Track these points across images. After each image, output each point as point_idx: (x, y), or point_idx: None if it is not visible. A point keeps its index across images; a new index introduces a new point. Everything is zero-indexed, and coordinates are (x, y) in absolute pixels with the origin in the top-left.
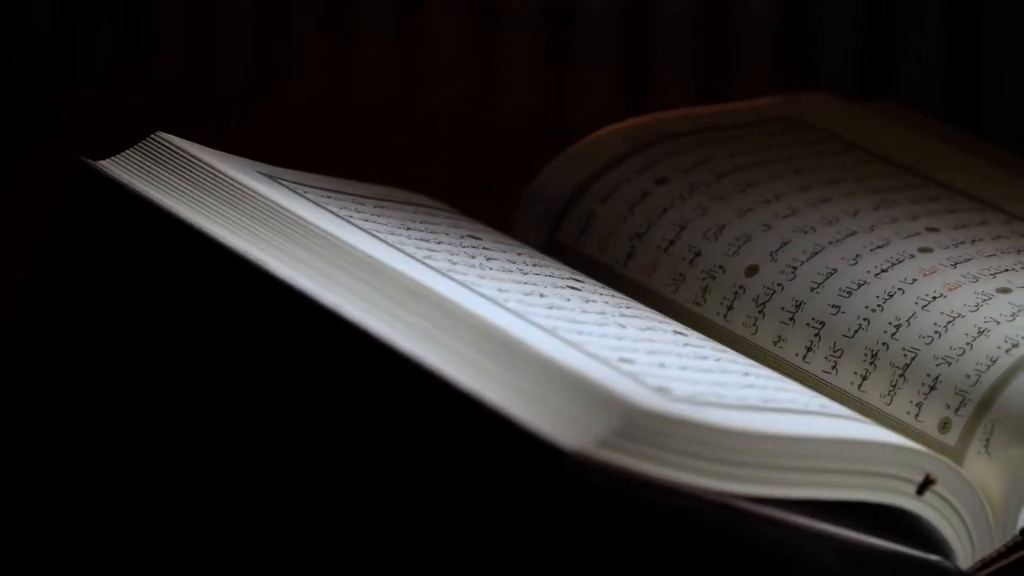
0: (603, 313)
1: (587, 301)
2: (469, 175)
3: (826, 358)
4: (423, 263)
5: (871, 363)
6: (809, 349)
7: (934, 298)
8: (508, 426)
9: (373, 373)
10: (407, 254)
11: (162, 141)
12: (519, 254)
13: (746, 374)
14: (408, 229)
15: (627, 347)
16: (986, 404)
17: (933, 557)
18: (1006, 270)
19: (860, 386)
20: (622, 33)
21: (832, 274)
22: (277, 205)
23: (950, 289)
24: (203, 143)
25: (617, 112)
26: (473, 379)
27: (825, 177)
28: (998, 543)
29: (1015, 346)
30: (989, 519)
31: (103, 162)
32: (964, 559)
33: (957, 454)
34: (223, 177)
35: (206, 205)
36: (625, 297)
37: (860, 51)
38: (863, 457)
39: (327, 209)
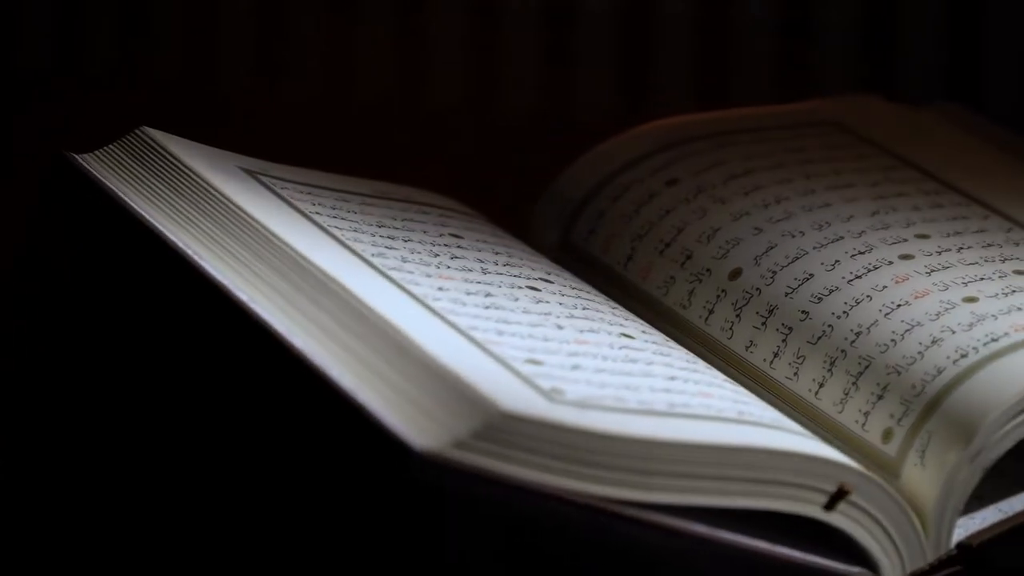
0: (547, 314)
1: (537, 302)
2: (469, 175)
3: (789, 364)
4: (364, 259)
5: (828, 370)
6: (776, 355)
7: (898, 306)
8: (370, 422)
9: (268, 363)
10: (353, 251)
11: (144, 136)
12: (496, 253)
13: (672, 378)
14: (380, 227)
15: (549, 348)
16: (926, 415)
17: (856, 569)
18: (981, 279)
19: (817, 393)
20: (622, 33)
21: (808, 279)
22: (229, 201)
23: (916, 297)
24: (202, 143)
25: (617, 112)
26: (352, 374)
27: (834, 182)
28: (931, 557)
29: (963, 356)
30: (918, 531)
31: (84, 156)
32: (891, 572)
33: (896, 465)
34: (186, 171)
35: (163, 198)
36: (596, 299)
37: (860, 51)
38: (766, 465)
39: (292, 205)
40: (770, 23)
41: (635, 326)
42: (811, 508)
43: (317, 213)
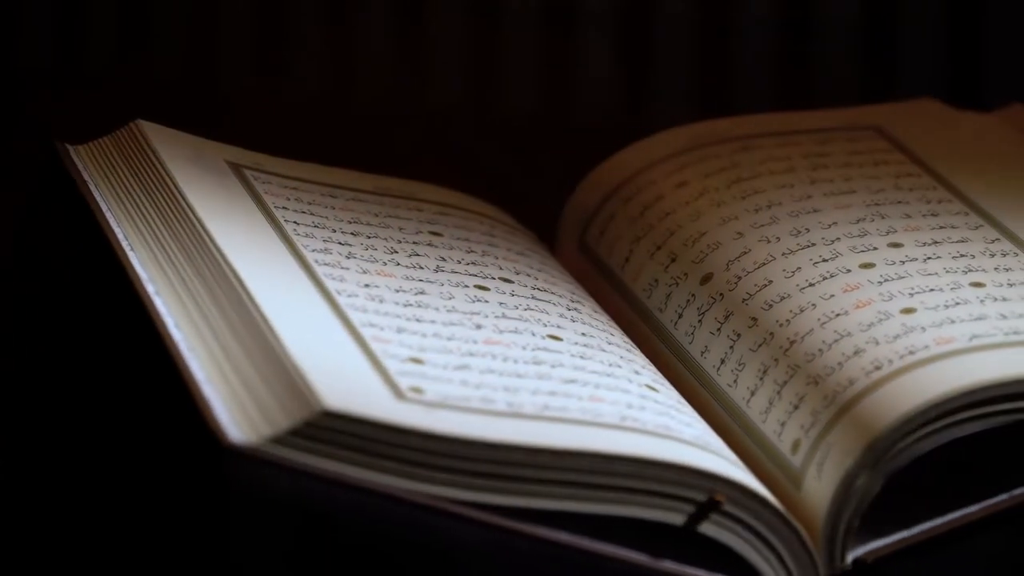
0: (474, 314)
1: (474, 301)
2: (469, 175)
3: (732, 371)
4: (298, 255)
5: (760, 379)
6: (723, 361)
7: (837, 315)
8: (200, 411)
9: (153, 352)
10: (292, 246)
11: (134, 130)
12: (469, 251)
13: (570, 381)
14: (351, 223)
15: (447, 348)
16: (830, 427)
17: None
18: (931, 290)
19: (749, 402)
20: (622, 33)
21: (766, 286)
22: (180, 194)
23: (857, 307)
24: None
25: (617, 112)
26: (212, 365)
27: (838, 188)
28: (824, 571)
29: (877, 368)
30: (808, 545)
31: (77, 147)
32: None
33: (799, 477)
34: (156, 165)
35: (127, 189)
36: (553, 300)
37: (860, 51)
38: (626, 473)
39: (258, 200)
40: (770, 23)
41: (576, 328)
42: (675, 517)
43: (284, 208)
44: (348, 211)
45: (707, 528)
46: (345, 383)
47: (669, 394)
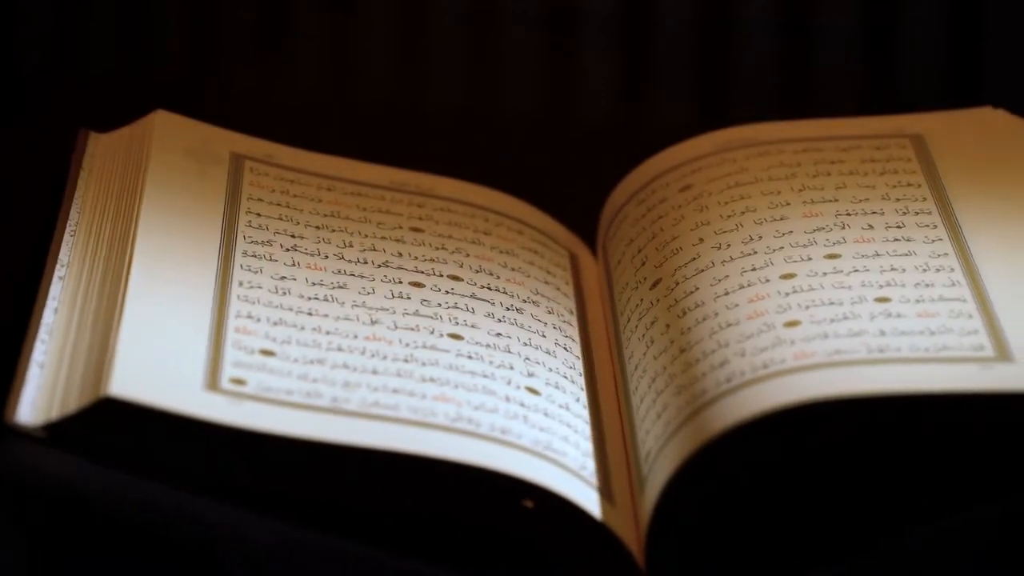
0: (380, 310)
1: (392, 297)
2: (469, 176)
3: (639, 378)
4: (225, 246)
5: (649, 386)
6: (636, 367)
7: (728, 326)
8: (11, 392)
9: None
10: (226, 237)
11: (151, 120)
12: (439, 248)
13: (429, 380)
14: (327, 216)
15: (315, 342)
16: (671, 438)
17: None
18: (830, 303)
19: (639, 408)
20: (623, 34)
21: (692, 294)
22: (139, 188)
23: (749, 318)
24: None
25: (617, 113)
26: (56, 347)
27: (817, 196)
28: None
29: (728, 381)
30: (630, 554)
31: (100, 135)
32: None
33: (643, 486)
34: (142, 153)
35: (106, 178)
36: (490, 301)
37: (860, 51)
38: (426, 473)
39: (234, 192)
40: (770, 23)
41: (496, 328)
42: (485, 520)
43: (259, 199)
44: (334, 204)
45: (523, 533)
46: (158, 372)
47: (556, 397)
